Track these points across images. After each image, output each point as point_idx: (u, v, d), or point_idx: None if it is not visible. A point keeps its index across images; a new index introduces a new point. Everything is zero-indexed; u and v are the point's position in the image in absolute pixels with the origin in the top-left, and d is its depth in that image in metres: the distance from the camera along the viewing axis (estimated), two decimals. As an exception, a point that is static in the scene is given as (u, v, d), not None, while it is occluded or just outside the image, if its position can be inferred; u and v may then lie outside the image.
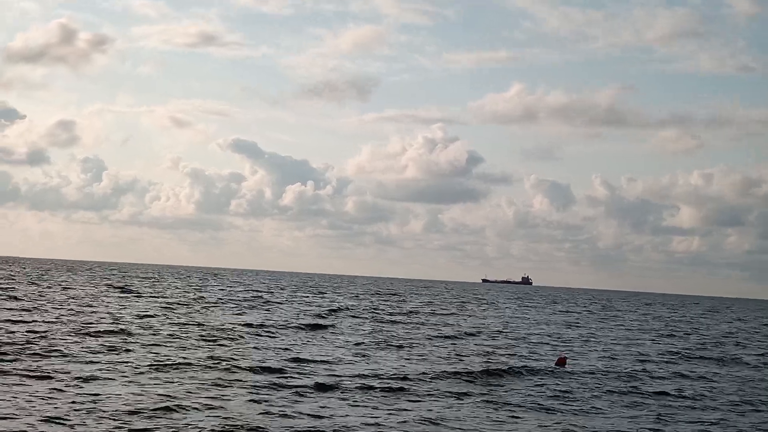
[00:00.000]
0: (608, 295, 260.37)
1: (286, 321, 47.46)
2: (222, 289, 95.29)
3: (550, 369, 31.40)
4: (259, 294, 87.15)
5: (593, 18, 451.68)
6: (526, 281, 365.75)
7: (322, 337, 39.93)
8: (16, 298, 54.55)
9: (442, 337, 43.89)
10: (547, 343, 43.50)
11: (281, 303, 70.02)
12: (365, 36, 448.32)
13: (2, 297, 55.02)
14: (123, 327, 37.53)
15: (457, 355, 35.04)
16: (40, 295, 60.03)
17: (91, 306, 51.32)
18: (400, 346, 37.08)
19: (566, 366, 32.68)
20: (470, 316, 67.82)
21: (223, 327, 40.89)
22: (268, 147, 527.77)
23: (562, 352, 36.88)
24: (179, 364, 26.50)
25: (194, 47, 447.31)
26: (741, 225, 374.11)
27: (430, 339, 42.10)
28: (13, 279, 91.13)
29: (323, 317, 53.72)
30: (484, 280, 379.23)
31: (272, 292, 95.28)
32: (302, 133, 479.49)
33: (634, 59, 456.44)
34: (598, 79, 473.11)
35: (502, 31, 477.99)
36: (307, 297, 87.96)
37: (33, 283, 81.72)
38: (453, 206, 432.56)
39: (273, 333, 39.75)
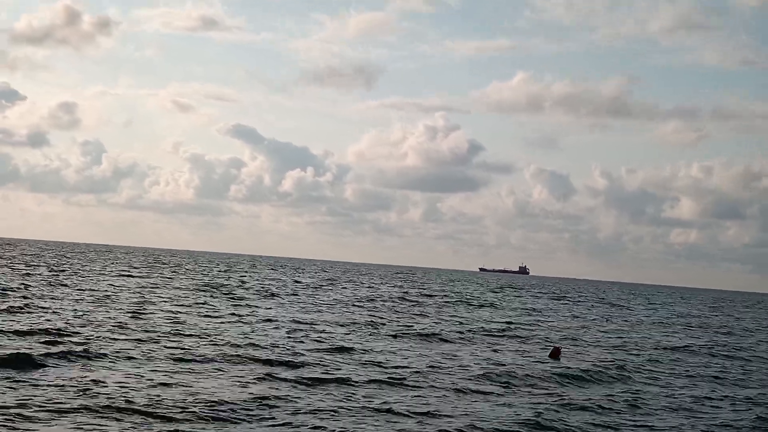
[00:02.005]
0: (609, 287, 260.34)
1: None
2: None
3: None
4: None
5: (595, 8, 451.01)
6: (523, 271, 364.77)
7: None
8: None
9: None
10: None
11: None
12: (368, 23, 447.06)
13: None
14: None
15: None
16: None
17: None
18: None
19: (560, 358, 30.73)
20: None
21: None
22: (268, 132, 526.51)
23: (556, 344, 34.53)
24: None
25: (196, 31, 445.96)
26: (741, 218, 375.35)
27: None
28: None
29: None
30: (481, 269, 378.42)
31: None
32: (303, 119, 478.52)
33: (635, 51, 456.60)
34: (599, 70, 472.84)
35: (504, 19, 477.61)
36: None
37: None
38: (452, 195, 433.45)
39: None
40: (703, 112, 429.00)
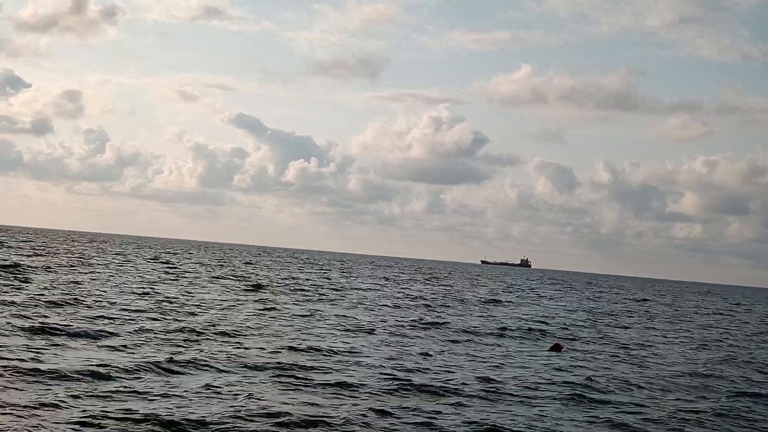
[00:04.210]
0: (614, 281, 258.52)
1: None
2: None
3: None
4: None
5: (594, 0, 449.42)
6: (525, 263, 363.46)
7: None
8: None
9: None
10: None
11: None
12: (370, 14, 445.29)
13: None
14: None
15: None
16: None
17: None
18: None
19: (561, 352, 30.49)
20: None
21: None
22: (272, 122, 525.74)
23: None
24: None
25: (198, 20, 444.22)
26: (744, 213, 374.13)
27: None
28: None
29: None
30: (483, 262, 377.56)
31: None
32: (306, 109, 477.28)
33: (637, 44, 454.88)
34: (599, 63, 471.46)
35: (503, 11, 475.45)
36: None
37: None
38: (455, 187, 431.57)
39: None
40: (708, 107, 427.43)
